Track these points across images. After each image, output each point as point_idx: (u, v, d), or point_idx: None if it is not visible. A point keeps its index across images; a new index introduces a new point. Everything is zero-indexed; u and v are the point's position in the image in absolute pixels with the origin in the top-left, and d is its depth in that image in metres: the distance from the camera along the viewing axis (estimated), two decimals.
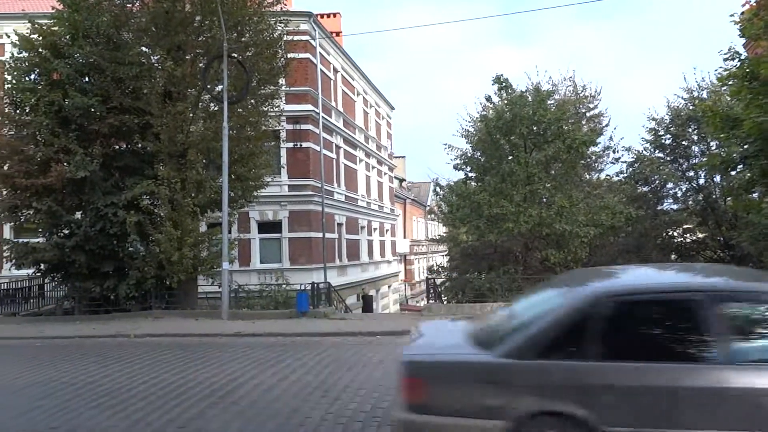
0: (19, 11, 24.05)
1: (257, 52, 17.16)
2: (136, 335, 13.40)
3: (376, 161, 36.10)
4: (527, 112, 15.48)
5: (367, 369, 8.59)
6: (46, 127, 15.76)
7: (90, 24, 16.40)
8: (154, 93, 15.83)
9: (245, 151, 17.13)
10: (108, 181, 16.55)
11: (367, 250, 33.20)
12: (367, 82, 34.77)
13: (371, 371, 8.41)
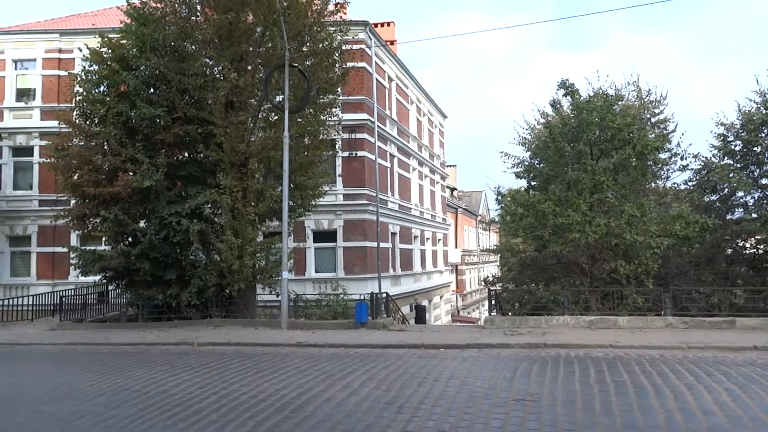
0: (89, 26, 25.06)
1: (317, 62, 17.20)
2: (199, 343, 13.48)
3: (428, 170, 35.81)
4: (595, 117, 14.88)
5: (438, 384, 8.24)
6: (114, 137, 16.19)
7: (156, 36, 16.82)
8: (218, 103, 16.04)
9: (304, 160, 17.15)
10: (171, 190, 16.86)
11: (420, 260, 32.86)
12: (420, 91, 34.59)
13: (443, 387, 8.07)
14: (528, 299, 17.51)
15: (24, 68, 26.24)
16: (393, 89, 29.38)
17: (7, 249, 25.31)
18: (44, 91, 25.76)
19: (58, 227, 24.52)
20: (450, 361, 10.19)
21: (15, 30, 26.85)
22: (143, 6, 17.65)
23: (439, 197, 38.54)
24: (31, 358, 12.42)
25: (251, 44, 16.92)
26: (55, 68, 25.74)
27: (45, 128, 25.22)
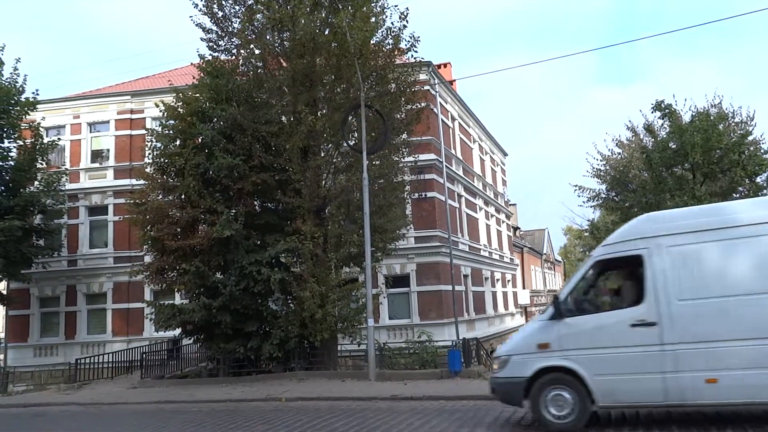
0: (158, 87, 25.81)
1: (390, 101, 16.86)
2: (287, 398, 12.77)
3: (494, 209, 34.84)
4: (698, 139, 13.76)
5: None
6: (193, 188, 16.10)
7: (230, 87, 16.89)
8: (295, 148, 15.79)
9: (383, 202, 16.62)
10: (249, 239, 16.53)
11: (492, 303, 31.55)
12: (481, 129, 34.05)
13: None
14: None
15: (97, 130, 27.13)
16: (456, 128, 28.90)
17: (84, 307, 25.59)
18: (117, 151, 26.47)
19: (132, 283, 24.77)
20: None
21: (89, 95, 27.97)
22: (215, 60, 17.86)
23: (505, 237, 37.36)
24: (121, 420, 11.94)
25: (324, 88, 16.75)
26: (127, 128, 26.49)
27: (118, 186, 25.82)
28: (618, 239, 8.04)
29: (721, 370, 6.99)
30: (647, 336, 7.35)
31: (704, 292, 7.29)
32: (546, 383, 7.71)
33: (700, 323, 7.22)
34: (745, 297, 7.08)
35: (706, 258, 7.36)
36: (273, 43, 16.95)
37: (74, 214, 25.92)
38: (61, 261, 25.56)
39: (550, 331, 7.87)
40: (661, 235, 7.63)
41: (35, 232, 22.49)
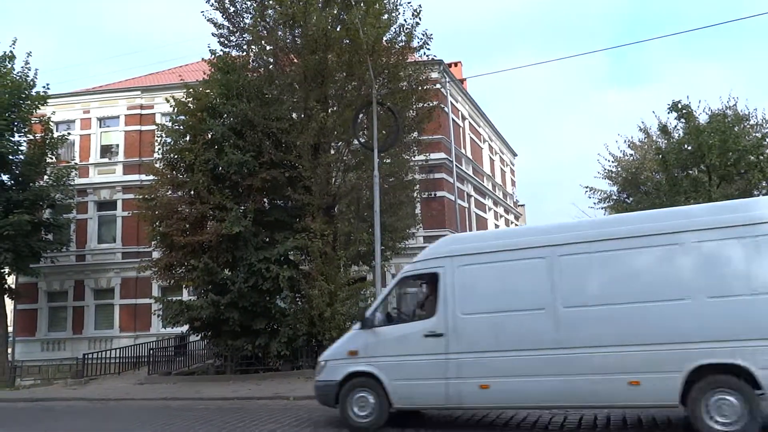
0: (168, 82, 25.80)
1: (402, 98, 16.73)
2: (295, 397, 12.64)
3: (503, 210, 34.61)
4: (716, 140, 13.53)
5: None
6: (202, 184, 16.01)
7: (241, 83, 16.79)
8: (306, 145, 15.66)
9: (393, 200, 16.47)
10: (258, 236, 16.42)
11: None
12: (491, 129, 33.84)
13: None
14: None
15: (107, 126, 27.12)
16: (467, 128, 28.72)
17: (91, 302, 25.59)
18: (126, 146, 26.45)
19: (140, 279, 24.72)
20: (599, 411, 8.88)
21: (99, 90, 27.97)
22: (226, 56, 17.76)
23: None
24: (128, 416, 11.85)
25: (335, 85, 16.62)
26: (136, 124, 26.47)
27: (127, 182, 25.80)
28: (423, 257, 8.94)
29: (492, 378, 7.82)
30: (436, 346, 8.16)
31: (481, 307, 8.13)
32: (353, 386, 8.57)
33: (477, 335, 8.03)
34: (513, 313, 7.93)
35: (484, 277, 8.21)
36: (284, 39, 16.84)
37: (83, 209, 25.93)
38: (69, 256, 25.56)
39: (359, 339, 8.77)
40: (456, 255, 8.44)
41: (44, 226, 22.47)
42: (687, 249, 7.25)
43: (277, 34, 16.84)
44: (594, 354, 7.36)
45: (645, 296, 7.30)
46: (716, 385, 6.82)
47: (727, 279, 7.03)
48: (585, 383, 7.37)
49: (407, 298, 9.47)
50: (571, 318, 7.60)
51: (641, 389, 7.08)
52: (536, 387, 7.60)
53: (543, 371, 7.56)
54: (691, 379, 6.89)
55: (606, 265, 7.62)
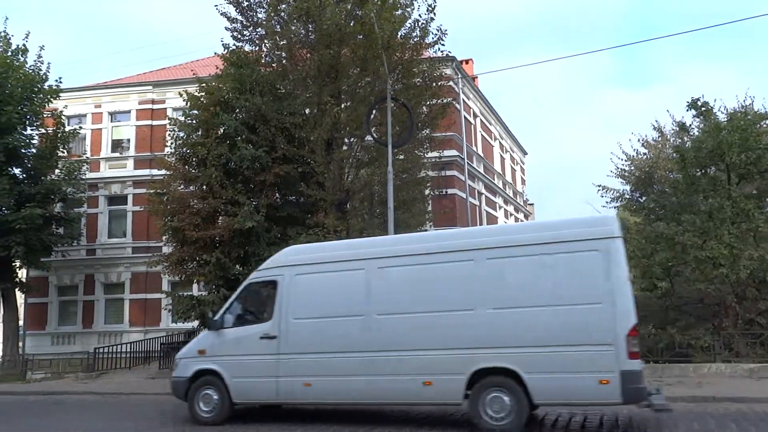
0: (179, 77, 25.76)
1: (416, 94, 16.60)
2: None
3: (513, 208, 34.43)
4: (736, 138, 13.32)
5: None
6: (215, 179, 15.94)
7: (254, 77, 16.70)
8: (320, 140, 15.56)
9: (407, 197, 16.35)
10: (270, 232, 16.34)
11: None
12: (502, 127, 33.64)
13: None
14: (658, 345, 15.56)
15: (118, 120, 27.12)
16: (478, 125, 28.56)
17: (102, 296, 25.62)
18: (137, 141, 26.45)
19: (150, 274, 24.72)
20: (617, 420, 8.74)
21: (110, 84, 27.98)
22: (239, 50, 17.68)
23: None
24: (142, 410, 11.81)
25: (348, 81, 16.49)
26: (148, 119, 26.45)
27: (138, 177, 25.79)
28: (267, 266, 9.77)
29: (314, 377, 8.66)
30: (269, 347, 8.93)
31: (309, 313, 8.91)
32: (200, 383, 9.31)
33: (304, 338, 8.82)
34: (336, 319, 8.71)
35: (314, 285, 9.01)
36: (298, 34, 16.73)
37: (93, 203, 25.95)
38: (79, 250, 25.61)
39: (207, 340, 9.63)
40: (293, 264, 9.28)
41: (55, 220, 22.49)
42: (478, 265, 8.09)
43: (291, 28, 16.73)
44: (397, 357, 8.21)
45: (440, 306, 8.15)
46: (492, 385, 7.74)
47: (506, 293, 7.89)
48: (388, 383, 8.24)
49: (253, 303, 10.11)
50: (382, 324, 8.38)
51: (433, 388, 7.98)
52: (349, 385, 8.48)
53: (356, 372, 8.38)
54: (473, 380, 7.78)
55: (411, 278, 8.43)
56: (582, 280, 7.58)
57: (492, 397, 7.68)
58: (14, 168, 21.74)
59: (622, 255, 7.63)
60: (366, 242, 10.05)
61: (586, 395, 7.50)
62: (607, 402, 7.65)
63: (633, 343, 7.31)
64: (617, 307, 7.34)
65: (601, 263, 7.52)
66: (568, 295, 7.57)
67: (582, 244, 7.70)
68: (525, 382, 7.54)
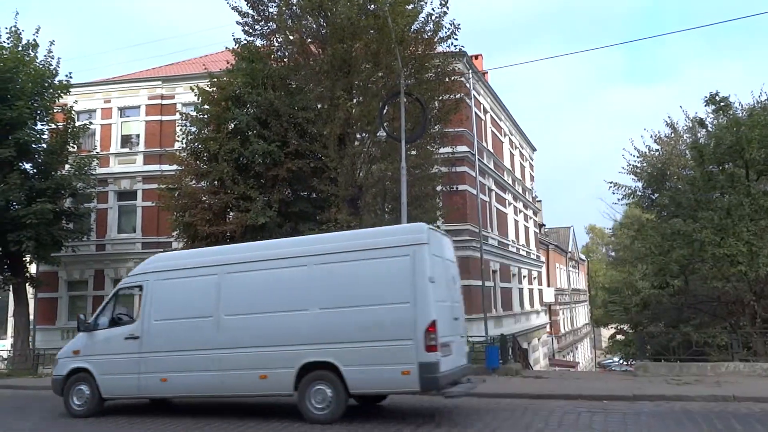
0: (188, 72, 25.70)
1: (428, 89, 16.45)
2: None
3: (522, 205, 34.24)
4: (756, 134, 13.12)
5: None
6: (227, 174, 15.85)
7: (266, 72, 16.60)
8: (332, 135, 15.45)
9: (419, 192, 16.22)
10: (282, 227, 16.25)
11: (519, 300, 31.02)
12: (512, 123, 33.44)
13: None
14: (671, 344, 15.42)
15: (127, 115, 27.08)
16: (488, 121, 28.37)
17: (111, 292, 25.55)
18: (147, 137, 26.40)
19: None
20: (636, 417, 8.62)
21: (120, 80, 27.93)
22: (250, 44, 17.57)
23: (532, 233, 36.74)
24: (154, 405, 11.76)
25: (360, 75, 16.35)
26: (157, 114, 26.39)
27: (147, 172, 25.75)
28: (135, 272, 10.78)
29: (170, 373, 9.49)
30: (133, 346, 9.81)
31: (168, 315, 9.77)
32: (74, 380, 10.22)
33: (162, 338, 9.68)
34: (191, 320, 9.58)
35: (173, 290, 9.87)
36: (310, 28, 16.61)
37: (103, 198, 25.93)
38: (89, 245, 25.60)
39: (81, 340, 10.49)
40: (155, 271, 10.23)
41: (65, 215, 22.49)
42: (310, 270, 8.89)
43: (303, 23, 16.60)
44: (239, 354, 9.04)
45: (277, 307, 8.97)
46: (316, 378, 8.55)
47: (331, 294, 8.69)
48: (232, 377, 9.09)
49: (122, 306, 11.18)
50: (229, 324, 9.24)
51: (268, 382, 8.87)
52: (200, 380, 9.31)
53: (206, 367, 9.21)
54: (301, 373, 8.60)
55: (255, 282, 9.27)
56: (392, 283, 8.35)
57: (316, 389, 8.53)
58: (25, 163, 21.73)
59: (427, 260, 8.33)
60: (220, 250, 10.91)
61: (391, 385, 8.44)
62: (408, 390, 8.60)
63: (430, 338, 8.04)
64: (418, 306, 8.13)
65: (409, 267, 8.28)
66: (380, 296, 8.37)
67: (394, 250, 8.51)
68: (343, 375, 8.37)
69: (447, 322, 8.63)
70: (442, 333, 8.20)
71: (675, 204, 16.13)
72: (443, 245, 9.36)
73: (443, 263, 9.04)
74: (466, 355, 9.84)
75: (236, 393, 9.50)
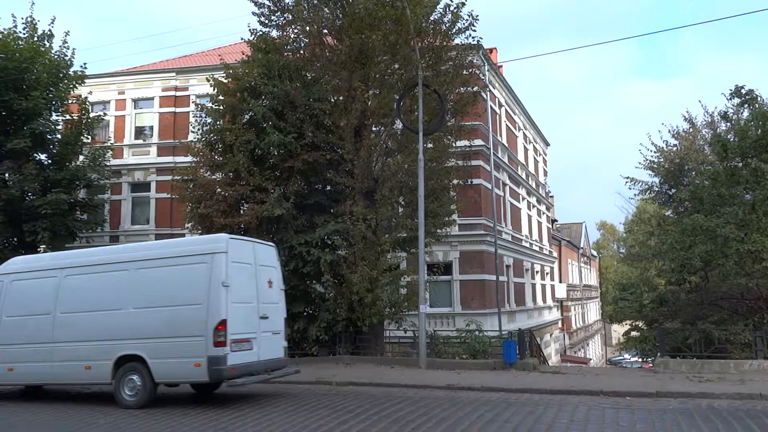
0: (202, 64, 25.61)
1: (446, 81, 16.27)
2: (337, 383, 12.40)
3: (535, 200, 33.99)
4: None
5: None
6: (242, 165, 15.76)
7: (282, 62, 16.47)
8: (349, 127, 15.31)
9: (436, 186, 16.07)
10: (298, 219, 16.16)
11: (531, 295, 30.83)
12: (526, 117, 33.15)
13: None
14: (690, 341, 15.21)
15: (141, 107, 27.07)
16: (503, 115, 28.12)
17: None
18: (161, 128, 26.38)
19: None
20: (662, 414, 8.45)
21: (134, 71, 27.92)
22: (266, 35, 17.44)
23: (545, 229, 36.49)
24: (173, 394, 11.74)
25: (377, 67, 16.20)
26: (171, 106, 26.37)
27: (161, 164, 25.76)
28: None
29: (16, 363, 10.81)
30: None
31: (17, 312, 11.08)
32: None
33: (10, 332, 10.97)
34: (34, 316, 10.84)
35: (23, 290, 11.17)
36: (327, 19, 16.46)
37: (117, 190, 25.97)
38: (103, 236, 25.64)
39: None
40: (10, 272, 11.59)
41: (79, 206, 22.53)
42: (130, 274, 10.19)
43: (320, 13, 16.45)
44: (69, 347, 10.33)
45: (102, 307, 10.25)
46: (129, 369, 9.85)
47: (145, 296, 9.93)
48: (63, 367, 10.40)
49: None
50: (62, 321, 10.53)
51: (92, 372, 10.15)
52: (40, 370, 10.62)
53: (44, 359, 10.48)
54: (117, 364, 9.87)
55: (86, 284, 10.59)
56: (191, 286, 9.61)
57: (128, 379, 9.84)
58: (40, 153, 21.75)
59: (222, 267, 9.55)
60: (63, 255, 12.53)
61: (186, 375, 9.77)
62: (200, 381, 9.90)
63: (219, 335, 9.27)
64: (210, 307, 9.38)
65: (206, 273, 9.55)
66: (182, 298, 9.64)
67: (196, 258, 9.83)
68: (149, 366, 9.63)
69: (245, 320, 9.87)
70: (236, 330, 9.50)
71: (696, 199, 15.87)
72: (253, 253, 10.55)
73: (251, 269, 10.28)
74: (283, 350, 10.97)
75: (66, 381, 11.09)
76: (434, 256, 22.82)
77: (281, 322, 11.01)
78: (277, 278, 11.13)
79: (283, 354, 10.98)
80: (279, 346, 10.86)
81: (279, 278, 11.22)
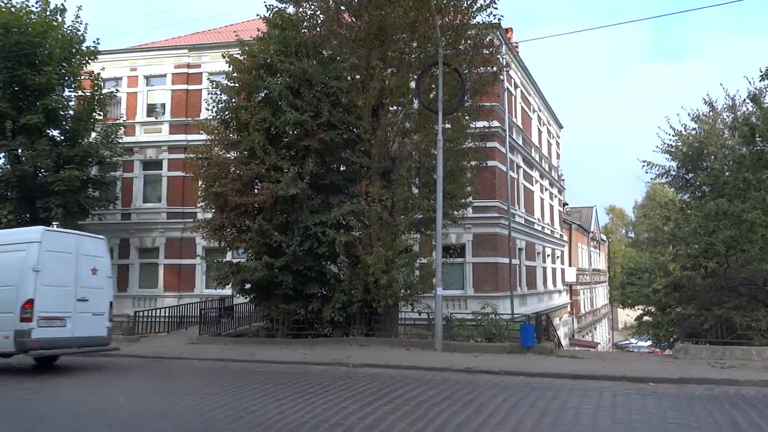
0: (215, 41, 25.30)
1: (465, 60, 15.96)
2: (354, 364, 12.32)
3: (548, 183, 33.67)
4: None
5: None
6: (258, 144, 15.57)
7: (300, 40, 16.19)
8: (368, 106, 15.06)
9: (455, 167, 15.84)
10: (313, 199, 16.00)
11: (542, 278, 30.68)
12: (540, 99, 32.69)
13: None
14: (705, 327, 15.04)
15: (153, 84, 26.83)
16: (518, 96, 27.72)
17: (136, 260, 25.70)
18: (173, 106, 26.16)
19: (184, 239, 24.73)
20: (689, 401, 8.31)
21: (146, 47, 27.63)
22: (282, 12, 17.12)
23: (556, 212, 36.21)
24: (189, 375, 11.71)
25: (395, 45, 15.87)
26: (183, 83, 26.11)
27: (173, 142, 25.60)
28: None
29: None
30: None
31: None
32: None
33: None
34: None
35: None
36: None
37: (129, 167, 25.88)
38: (115, 214, 25.63)
39: None
40: None
41: (92, 183, 22.46)
42: None
43: None
44: None
45: None
46: None
47: None
48: None
49: None
50: None
51: None
52: None
53: None
54: None
55: None
56: (11, 270, 11.04)
57: None
58: (53, 130, 21.65)
59: (34, 254, 11.09)
60: None
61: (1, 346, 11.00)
62: (8, 351, 11.11)
63: (25, 312, 10.78)
64: (20, 288, 10.92)
65: (23, 259, 11.08)
66: (4, 280, 11.02)
67: (19, 246, 11.35)
68: None
69: (58, 301, 11.29)
70: (45, 309, 10.98)
71: (718, 184, 15.58)
72: (75, 244, 11.98)
73: (71, 258, 11.68)
74: (106, 329, 12.19)
75: None
76: (448, 238, 22.71)
77: (105, 305, 12.22)
78: (102, 267, 12.36)
79: (105, 333, 12.22)
80: (101, 326, 12.09)
81: (105, 267, 12.50)
